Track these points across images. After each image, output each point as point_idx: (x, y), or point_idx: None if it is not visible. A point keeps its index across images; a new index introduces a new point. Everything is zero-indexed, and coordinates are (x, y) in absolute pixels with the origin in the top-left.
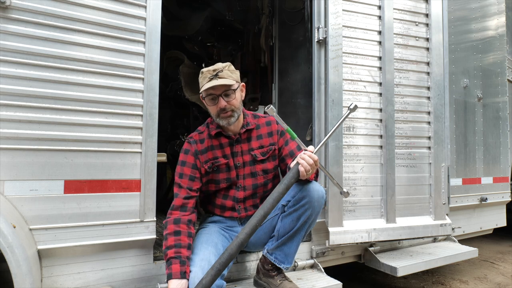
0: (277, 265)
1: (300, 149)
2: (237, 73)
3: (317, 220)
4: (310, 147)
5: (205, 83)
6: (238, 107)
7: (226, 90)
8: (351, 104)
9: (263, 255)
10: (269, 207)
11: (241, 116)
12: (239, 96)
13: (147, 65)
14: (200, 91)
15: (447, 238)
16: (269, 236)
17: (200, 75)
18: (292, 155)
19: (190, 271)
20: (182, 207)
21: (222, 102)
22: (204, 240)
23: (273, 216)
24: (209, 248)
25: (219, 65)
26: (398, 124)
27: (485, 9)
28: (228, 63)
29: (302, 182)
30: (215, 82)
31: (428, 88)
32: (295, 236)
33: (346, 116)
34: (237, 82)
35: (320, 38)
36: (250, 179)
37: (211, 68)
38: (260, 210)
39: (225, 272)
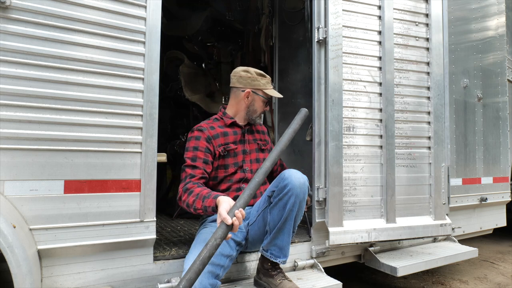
0: (273, 260)
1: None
2: None
3: (317, 220)
4: None
5: (271, 89)
6: None
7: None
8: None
9: (260, 254)
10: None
11: None
12: None
13: (147, 65)
14: (259, 88)
15: (447, 238)
16: (263, 232)
17: (257, 74)
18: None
19: (183, 269)
20: (199, 181)
21: (268, 107)
22: (203, 240)
23: (262, 210)
24: None
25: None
26: (398, 124)
27: (485, 9)
28: None
29: (284, 172)
30: (278, 94)
31: (428, 88)
32: (284, 227)
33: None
34: None
35: (320, 38)
36: (256, 164)
37: (266, 75)
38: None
39: (220, 273)
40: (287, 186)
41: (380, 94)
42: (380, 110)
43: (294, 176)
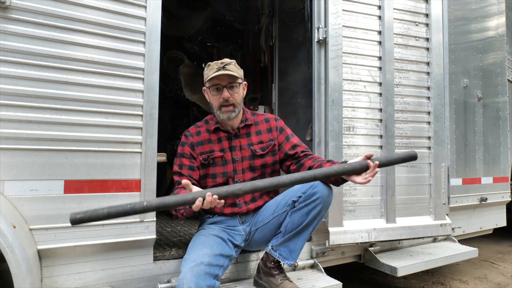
0: (281, 261)
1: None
2: (242, 71)
3: None
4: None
5: (212, 73)
6: (239, 103)
7: (231, 82)
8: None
9: (266, 252)
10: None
11: (241, 113)
12: (241, 92)
13: (147, 65)
14: (205, 81)
15: (447, 238)
16: (274, 233)
17: (206, 68)
18: (295, 148)
19: (180, 271)
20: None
21: (226, 93)
22: (200, 242)
23: (280, 213)
24: (204, 249)
25: (226, 60)
26: (398, 124)
27: (485, 9)
28: (234, 60)
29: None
30: (223, 72)
31: (428, 88)
32: (302, 232)
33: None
34: (241, 78)
35: (320, 38)
36: (249, 173)
37: (218, 61)
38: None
39: (220, 273)
40: (317, 194)
41: (380, 94)
42: (380, 110)
43: (324, 186)
